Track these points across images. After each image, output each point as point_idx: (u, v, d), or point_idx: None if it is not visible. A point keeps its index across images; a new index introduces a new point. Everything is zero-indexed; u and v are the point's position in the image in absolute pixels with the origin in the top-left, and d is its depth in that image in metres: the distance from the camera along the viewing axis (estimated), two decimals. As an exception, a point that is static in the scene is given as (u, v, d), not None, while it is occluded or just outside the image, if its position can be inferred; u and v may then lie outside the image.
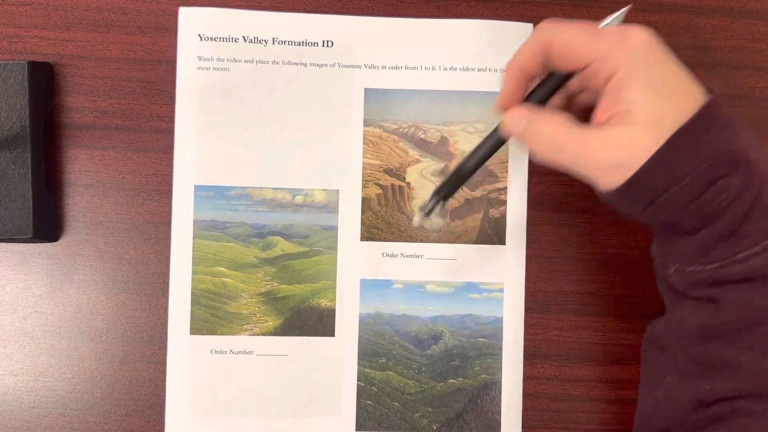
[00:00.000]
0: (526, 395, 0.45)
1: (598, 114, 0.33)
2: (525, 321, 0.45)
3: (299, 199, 0.45)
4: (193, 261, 0.44)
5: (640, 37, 0.32)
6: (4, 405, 0.45)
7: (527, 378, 0.45)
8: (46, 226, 0.44)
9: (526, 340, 0.45)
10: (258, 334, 0.44)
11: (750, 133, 0.32)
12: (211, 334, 0.44)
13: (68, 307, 0.45)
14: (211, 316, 0.44)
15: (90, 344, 0.45)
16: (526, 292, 0.45)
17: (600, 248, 0.46)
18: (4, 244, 0.45)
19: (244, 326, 0.44)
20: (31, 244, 0.45)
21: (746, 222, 0.32)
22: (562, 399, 0.45)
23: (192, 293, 0.44)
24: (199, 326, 0.44)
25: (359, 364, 0.44)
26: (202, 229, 0.44)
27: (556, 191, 0.46)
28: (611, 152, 0.32)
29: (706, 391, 0.34)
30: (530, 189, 0.46)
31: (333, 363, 0.44)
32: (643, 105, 0.31)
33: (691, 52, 0.46)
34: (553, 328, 0.46)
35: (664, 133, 0.31)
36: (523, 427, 0.45)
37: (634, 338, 0.46)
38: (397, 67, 0.45)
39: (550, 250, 0.46)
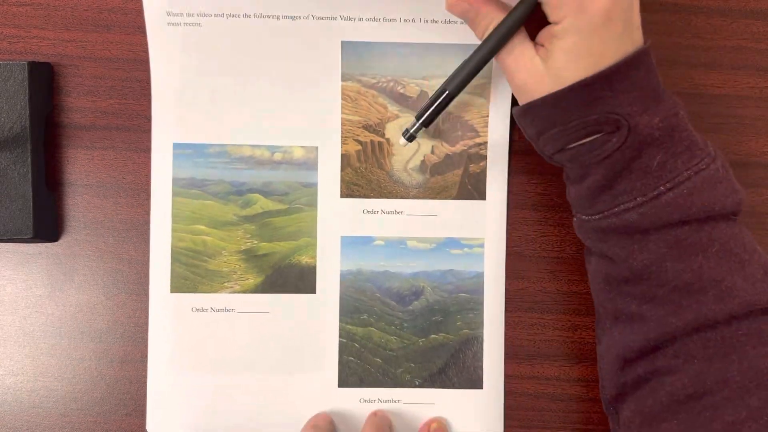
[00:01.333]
0: (526, 395, 0.46)
1: (539, 36, 0.37)
2: (524, 320, 0.45)
3: (278, 156, 0.44)
4: (172, 219, 0.44)
5: (593, 3, 0.34)
6: (4, 405, 0.45)
7: (527, 378, 0.46)
8: (46, 226, 0.44)
9: (525, 340, 0.45)
10: (239, 292, 0.44)
11: (658, 100, 0.35)
12: (192, 292, 0.44)
13: (68, 307, 0.45)
14: (192, 274, 0.44)
15: (90, 344, 0.45)
16: (508, 252, 0.45)
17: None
18: (4, 244, 0.45)
19: (225, 284, 0.44)
20: (31, 244, 0.45)
21: (622, 179, 0.35)
22: (561, 399, 0.46)
23: (172, 251, 0.44)
24: (180, 284, 0.44)
25: (341, 320, 0.44)
26: (181, 187, 0.44)
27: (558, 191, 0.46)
28: (521, 72, 0.36)
29: (626, 347, 0.37)
30: (530, 191, 0.46)
31: (314, 320, 0.44)
32: (557, 60, 0.35)
33: (692, 52, 0.45)
34: (552, 328, 0.46)
35: (567, 82, 0.35)
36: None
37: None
38: (375, 19, 0.44)
39: (549, 250, 0.46)
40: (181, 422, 0.44)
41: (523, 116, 0.37)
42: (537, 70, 0.36)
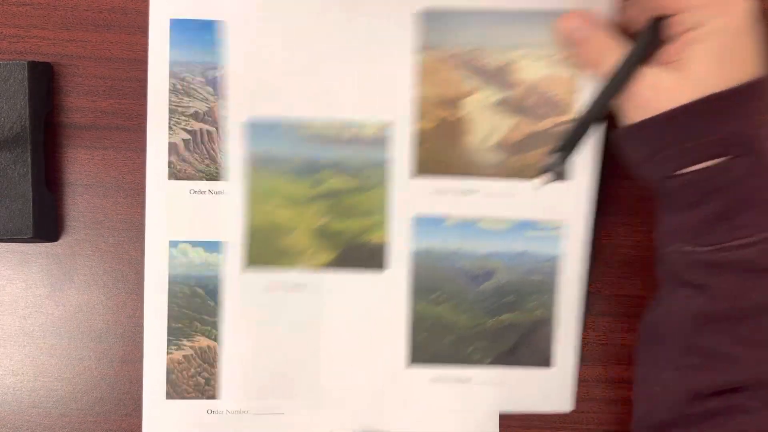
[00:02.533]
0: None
1: (663, 56, 0.34)
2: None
3: (350, 133, 0.43)
4: (247, 196, 0.44)
5: (737, 5, 0.31)
6: (4, 405, 0.46)
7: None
8: (46, 226, 0.44)
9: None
10: (311, 269, 0.44)
11: None
12: (266, 268, 0.44)
13: (68, 307, 0.45)
14: (265, 251, 0.44)
15: (90, 344, 0.45)
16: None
17: (599, 248, 0.45)
18: (4, 244, 0.45)
19: (297, 261, 0.44)
20: (31, 244, 0.45)
21: (744, 211, 0.32)
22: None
23: (246, 227, 0.44)
24: (254, 260, 0.44)
25: (412, 299, 0.44)
26: (257, 164, 0.43)
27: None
28: (644, 89, 0.34)
29: (702, 383, 0.34)
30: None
31: (385, 298, 0.44)
32: (698, 65, 0.32)
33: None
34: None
35: (711, 89, 0.32)
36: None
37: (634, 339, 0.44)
38: (453, -14, 0.40)
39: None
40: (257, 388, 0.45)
41: (636, 134, 0.35)
42: (667, 84, 0.33)
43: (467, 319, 0.44)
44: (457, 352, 0.45)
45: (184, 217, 0.44)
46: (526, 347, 0.45)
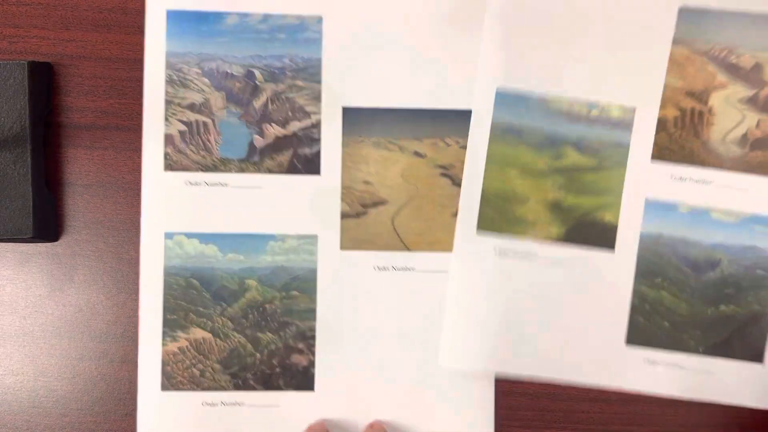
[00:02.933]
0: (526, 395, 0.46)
1: None
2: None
3: (595, 112, 0.45)
4: (487, 160, 0.45)
5: None
6: (4, 405, 0.45)
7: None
8: (46, 226, 0.44)
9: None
10: (541, 240, 0.46)
11: None
12: (498, 233, 0.46)
13: (68, 307, 0.45)
14: (499, 217, 0.46)
15: (90, 344, 0.45)
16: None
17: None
18: (4, 244, 0.45)
19: (529, 230, 0.45)
20: (31, 244, 0.45)
21: None
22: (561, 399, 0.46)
23: (483, 191, 0.45)
24: (487, 225, 0.46)
25: (635, 280, 0.45)
26: (499, 132, 0.45)
27: None
28: None
29: None
30: None
31: (610, 276, 0.45)
32: None
33: None
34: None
35: None
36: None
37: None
38: (718, -14, 0.43)
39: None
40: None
41: None
42: None
43: (686, 306, 0.45)
44: (672, 337, 0.45)
45: (180, 208, 0.45)
46: (740, 340, 0.45)
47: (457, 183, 0.46)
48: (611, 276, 0.45)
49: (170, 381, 0.45)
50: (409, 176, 0.46)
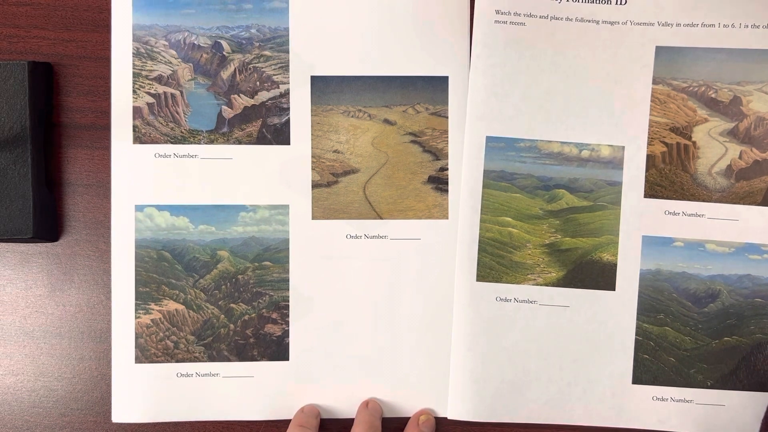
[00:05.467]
0: None
1: None
2: None
3: (585, 153, 0.45)
4: (481, 210, 0.45)
5: None
6: (4, 405, 0.45)
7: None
8: (46, 226, 0.44)
9: None
10: (541, 284, 0.45)
11: None
12: (497, 281, 0.45)
13: (68, 307, 0.45)
14: (497, 264, 0.45)
15: (90, 344, 0.45)
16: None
17: None
18: (4, 244, 0.45)
19: (528, 276, 0.45)
20: (31, 244, 0.45)
21: None
22: None
23: (479, 241, 0.45)
24: (486, 273, 0.45)
25: (638, 318, 0.45)
26: (491, 179, 0.45)
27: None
28: None
29: None
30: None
31: (612, 316, 0.45)
32: None
33: None
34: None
35: None
36: None
37: None
38: (692, 24, 0.45)
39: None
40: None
41: None
42: None
43: (691, 340, 0.45)
44: (679, 373, 0.45)
45: (150, 181, 0.45)
46: (748, 371, 0.45)
47: (427, 150, 0.46)
48: (614, 315, 0.45)
49: (144, 353, 0.44)
50: (380, 144, 0.46)
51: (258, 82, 0.45)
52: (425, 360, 0.45)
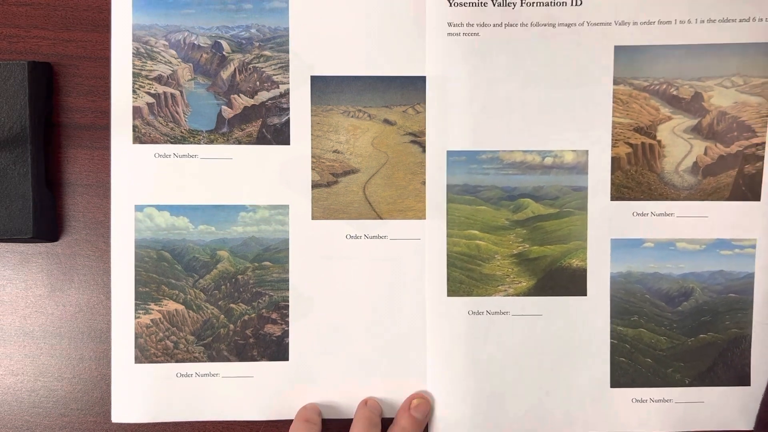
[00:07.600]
0: None
1: None
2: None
3: (549, 160, 0.45)
4: (447, 224, 0.45)
5: None
6: (4, 405, 0.45)
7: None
8: (46, 226, 0.44)
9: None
10: (512, 295, 0.45)
11: None
12: (468, 295, 0.45)
13: (68, 307, 0.45)
14: (467, 278, 0.45)
15: (90, 344, 0.45)
16: None
17: None
18: (4, 244, 0.45)
19: (499, 287, 0.45)
20: (31, 244, 0.45)
21: None
22: None
23: (448, 256, 0.45)
24: (456, 288, 0.45)
25: (612, 322, 0.45)
26: (455, 193, 0.45)
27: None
28: None
29: None
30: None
31: (586, 322, 0.45)
32: None
33: None
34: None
35: None
36: None
37: None
38: (649, 22, 0.44)
39: None
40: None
41: None
42: None
43: (666, 340, 0.45)
44: (657, 373, 0.45)
45: (150, 181, 0.45)
46: (725, 366, 0.45)
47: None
48: (587, 321, 0.45)
49: (144, 353, 0.45)
50: (380, 144, 0.45)
51: (258, 82, 0.45)
52: (425, 360, 0.45)
